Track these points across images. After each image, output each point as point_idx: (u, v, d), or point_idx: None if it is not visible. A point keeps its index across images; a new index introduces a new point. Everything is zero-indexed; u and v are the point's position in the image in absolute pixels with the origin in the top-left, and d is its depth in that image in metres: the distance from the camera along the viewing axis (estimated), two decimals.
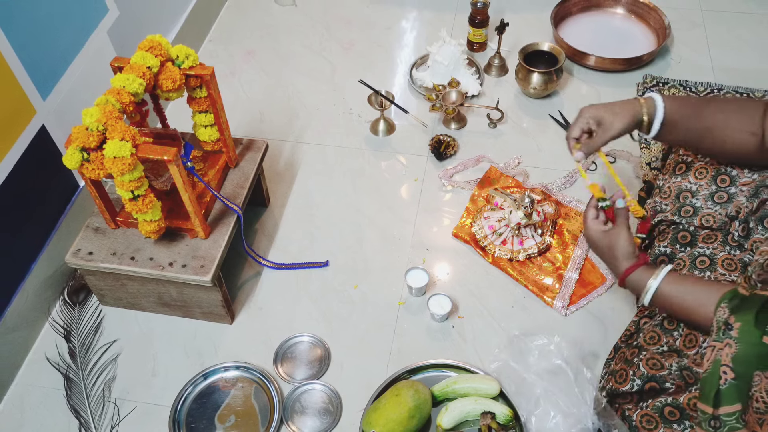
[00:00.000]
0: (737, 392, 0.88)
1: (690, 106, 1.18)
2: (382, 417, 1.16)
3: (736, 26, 1.97)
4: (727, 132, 1.14)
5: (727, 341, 0.91)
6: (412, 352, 1.32)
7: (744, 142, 1.13)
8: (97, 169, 1.09)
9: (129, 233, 1.30)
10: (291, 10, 2.11)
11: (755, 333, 0.89)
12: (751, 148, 1.13)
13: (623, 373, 1.11)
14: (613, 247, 1.13)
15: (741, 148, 1.14)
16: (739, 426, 0.88)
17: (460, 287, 1.42)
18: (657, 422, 1.04)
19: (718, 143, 1.15)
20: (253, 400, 1.27)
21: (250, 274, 1.46)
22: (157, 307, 1.38)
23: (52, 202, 1.40)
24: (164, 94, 1.22)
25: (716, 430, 0.90)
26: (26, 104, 1.27)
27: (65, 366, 1.32)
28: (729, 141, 1.14)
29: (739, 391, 0.88)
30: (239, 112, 1.79)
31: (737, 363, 0.89)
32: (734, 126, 1.13)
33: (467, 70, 1.80)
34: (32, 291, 1.35)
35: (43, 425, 1.26)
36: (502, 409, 1.19)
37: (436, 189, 1.60)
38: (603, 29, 1.97)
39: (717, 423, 0.90)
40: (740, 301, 0.94)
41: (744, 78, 1.79)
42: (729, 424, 0.89)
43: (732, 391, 0.88)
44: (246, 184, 1.38)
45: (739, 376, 0.88)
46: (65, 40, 1.36)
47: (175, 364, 1.33)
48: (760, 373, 0.87)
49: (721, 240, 1.17)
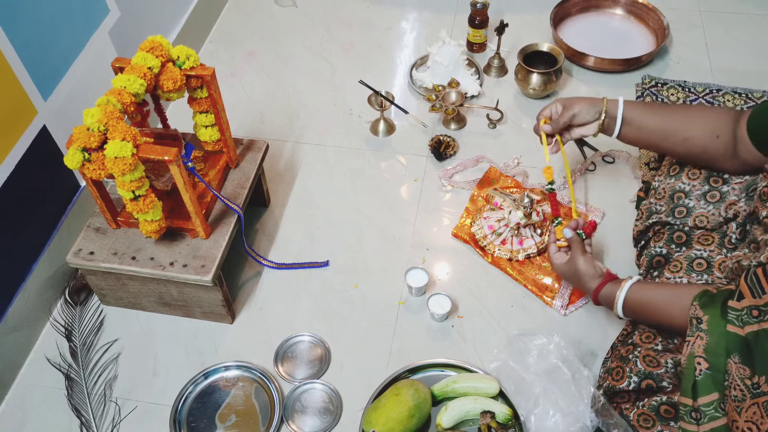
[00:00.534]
0: (712, 382, 0.93)
1: (652, 108, 1.27)
2: (382, 416, 1.16)
3: (735, 27, 1.97)
4: (690, 132, 1.20)
5: (699, 334, 0.96)
6: (412, 351, 1.32)
7: (707, 143, 1.18)
8: (98, 169, 1.09)
9: (130, 233, 1.30)
10: (291, 12, 2.11)
11: (721, 323, 0.94)
12: (716, 151, 1.18)
13: (620, 370, 1.12)
14: (578, 273, 1.21)
15: (707, 150, 1.20)
16: (719, 415, 0.92)
17: (460, 287, 1.42)
18: (654, 420, 1.05)
19: (680, 141, 1.22)
20: (254, 400, 1.27)
21: (251, 274, 1.46)
22: (158, 306, 1.38)
23: (53, 202, 1.40)
24: (165, 94, 1.22)
25: (698, 421, 0.94)
26: (28, 104, 1.27)
27: (66, 365, 1.32)
28: (692, 140, 1.20)
29: (714, 380, 0.93)
30: (240, 112, 1.79)
31: (709, 353, 0.93)
32: (699, 129, 1.19)
33: (467, 70, 1.80)
34: (33, 291, 1.35)
35: (45, 424, 1.26)
36: (502, 409, 1.19)
37: (435, 189, 1.60)
38: (602, 30, 1.97)
39: (697, 414, 0.94)
40: (708, 298, 0.99)
41: (742, 79, 1.79)
42: (708, 414, 0.93)
43: (707, 381, 0.93)
44: (246, 185, 1.38)
45: (712, 366, 0.93)
46: (67, 40, 1.36)
47: (176, 364, 1.33)
48: (730, 360, 0.92)
49: (717, 242, 1.17)
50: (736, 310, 0.93)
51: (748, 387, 0.88)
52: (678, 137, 1.22)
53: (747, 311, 0.91)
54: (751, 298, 0.91)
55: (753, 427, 0.87)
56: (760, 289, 0.91)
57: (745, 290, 0.93)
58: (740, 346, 0.91)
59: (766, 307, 0.89)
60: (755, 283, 0.92)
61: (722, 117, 1.18)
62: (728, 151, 1.17)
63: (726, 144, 1.16)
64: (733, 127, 1.16)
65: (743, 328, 0.91)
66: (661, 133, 1.24)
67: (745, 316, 0.91)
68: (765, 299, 0.89)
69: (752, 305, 0.91)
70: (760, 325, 0.89)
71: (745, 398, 0.88)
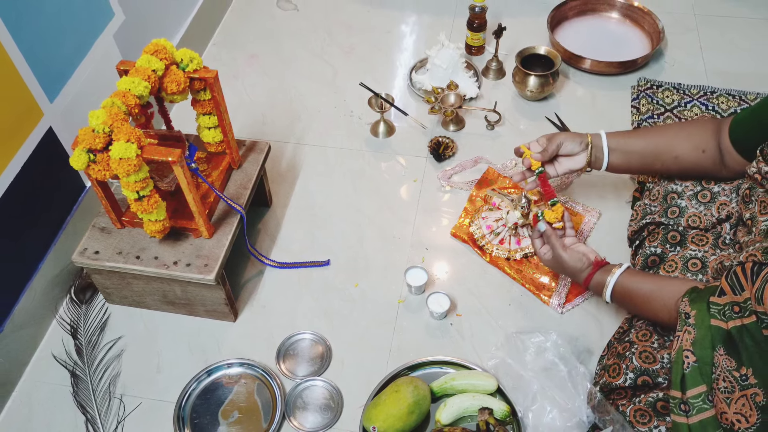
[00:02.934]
0: (700, 374, 0.94)
1: (635, 132, 1.27)
2: (382, 413, 1.16)
3: (729, 30, 1.97)
4: (678, 150, 1.21)
5: (686, 328, 0.97)
6: (411, 349, 1.32)
7: (696, 158, 1.20)
8: (103, 170, 1.10)
9: (134, 233, 1.31)
10: (293, 15, 2.11)
11: (707, 317, 0.95)
12: (707, 164, 1.20)
13: (616, 367, 1.12)
14: (565, 265, 1.21)
15: (697, 165, 1.21)
16: (707, 407, 0.93)
17: (459, 286, 1.42)
18: (650, 416, 1.05)
19: (670, 161, 1.23)
20: (256, 396, 1.27)
21: (253, 273, 1.46)
22: (161, 305, 1.38)
23: (59, 203, 1.41)
24: (169, 96, 1.22)
25: (687, 413, 0.95)
26: (34, 107, 1.28)
27: (72, 363, 1.33)
28: (681, 158, 1.21)
29: (702, 373, 0.94)
30: (242, 114, 1.79)
31: (696, 347, 0.95)
32: (683, 145, 1.21)
33: (465, 73, 1.80)
34: (40, 289, 1.35)
35: (51, 420, 1.26)
36: (500, 405, 1.19)
37: (434, 190, 1.61)
38: (598, 33, 1.97)
39: (686, 407, 0.95)
40: (697, 294, 1.00)
41: (736, 81, 1.80)
42: (697, 406, 0.94)
43: (695, 374, 0.94)
44: (249, 185, 1.38)
45: (699, 359, 0.94)
46: (72, 43, 1.37)
47: (180, 361, 1.33)
48: (716, 352, 0.93)
49: (711, 243, 1.18)
50: (719, 305, 0.94)
51: (737, 379, 0.89)
52: (668, 156, 1.22)
53: (729, 307, 0.93)
54: (732, 295, 0.93)
55: (742, 419, 0.88)
56: (739, 287, 0.92)
57: (726, 288, 0.94)
58: (724, 339, 0.92)
59: (745, 303, 0.90)
60: (734, 282, 0.93)
61: (704, 131, 1.19)
62: (717, 163, 1.18)
63: (713, 157, 1.18)
64: (716, 139, 1.17)
65: (727, 322, 0.92)
66: (650, 155, 1.24)
67: (728, 311, 0.93)
68: (744, 296, 0.91)
69: (733, 302, 0.92)
70: (742, 321, 0.90)
71: (734, 390, 0.89)
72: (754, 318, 0.89)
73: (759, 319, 0.88)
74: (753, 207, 1.09)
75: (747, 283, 0.91)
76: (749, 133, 1.12)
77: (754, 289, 0.89)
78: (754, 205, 1.09)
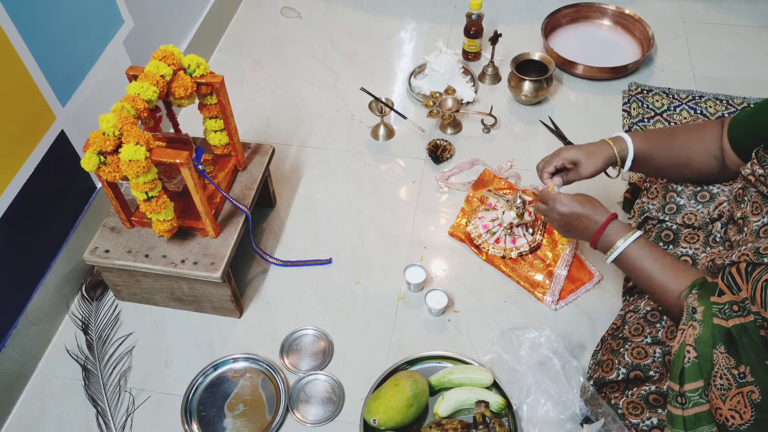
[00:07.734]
0: (699, 370, 0.93)
1: (656, 140, 1.21)
2: (383, 405, 1.16)
3: (717, 37, 1.97)
4: (693, 158, 1.20)
5: (692, 323, 0.95)
6: (410, 344, 1.33)
7: (708, 165, 1.19)
8: (113, 171, 1.10)
9: (143, 232, 1.31)
10: (296, 22, 2.11)
11: (710, 315, 0.94)
12: (715, 169, 1.18)
13: (609, 362, 1.12)
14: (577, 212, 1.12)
15: (706, 171, 1.20)
16: (702, 401, 0.92)
17: (456, 283, 1.42)
18: (643, 408, 1.05)
19: (686, 170, 1.21)
20: (261, 390, 1.27)
21: (258, 271, 1.46)
22: (169, 301, 1.38)
23: (70, 203, 1.41)
24: (176, 101, 1.22)
25: (683, 406, 0.94)
26: (47, 111, 1.28)
27: (83, 357, 1.33)
28: (695, 166, 1.20)
29: (701, 369, 0.93)
30: (247, 118, 1.79)
31: (698, 343, 0.93)
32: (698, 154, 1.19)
33: (462, 78, 1.81)
34: (52, 287, 1.35)
35: (63, 413, 1.26)
36: (496, 398, 1.19)
37: (433, 190, 1.61)
38: (591, 40, 1.97)
39: (683, 399, 0.94)
40: (704, 289, 0.98)
41: (724, 86, 1.80)
42: (693, 400, 0.93)
43: (694, 369, 0.93)
44: (254, 186, 1.38)
45: (700, 355, 0.93)
46: (83, 50, 1.37)
47: (187, 356, 1.33)
48: (716, 350, 0.92)
49: (702, 241, 1.17)
50: (719, 305, 0.93)
51: (735, 376, 0.89)
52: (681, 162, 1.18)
53: (728, 306, 0.92)
54: (730, 295, 0.92)
55: (736, 416, 0.87)
56: (736, 287, 0.91)
57: (724, 288, 0.93)
58: (725, 337, 0.91)
59: (743, 303, 0.89)
60: (731, 282, 0.92)
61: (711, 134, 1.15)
62: (721, 165, 1.16)
63: (721, 160, 1.15)
64: (720, 141, 1.15)
65: (727, 321, 0.91)
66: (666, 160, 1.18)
67: (728, 310, 0.92)
68: (742, 296, 0.90)
69: (732, 301, 0.91)
70: (742, 320, 0.90)
71: (731, 387, 0.88)
72: (752, 317, 0.88)
73: (755, 319, 0.87)
74: (745, 207, 1.08)
75: (743, 283, 0.90)
76: (747, 135, 1.09)
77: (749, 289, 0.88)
78: (746, 205, 1.07)
